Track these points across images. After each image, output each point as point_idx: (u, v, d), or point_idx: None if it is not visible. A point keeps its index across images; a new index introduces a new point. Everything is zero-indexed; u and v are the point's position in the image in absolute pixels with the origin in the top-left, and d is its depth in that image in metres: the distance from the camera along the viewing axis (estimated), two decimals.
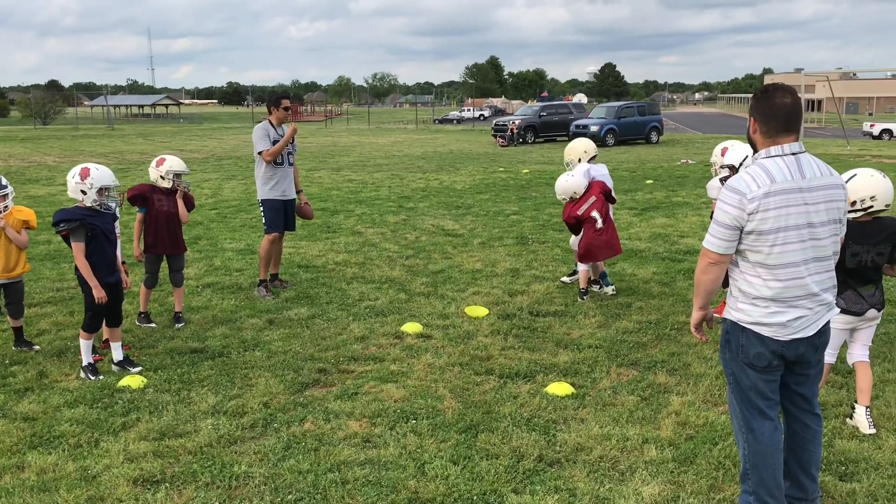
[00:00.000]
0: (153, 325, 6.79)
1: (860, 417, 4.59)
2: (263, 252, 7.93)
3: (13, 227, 6.01)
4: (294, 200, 8.08)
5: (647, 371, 5.59)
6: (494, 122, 38.86)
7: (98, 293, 5.46)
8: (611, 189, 7.59)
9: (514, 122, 35.85)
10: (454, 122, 70.79)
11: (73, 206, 5.56)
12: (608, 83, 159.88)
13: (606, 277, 7.81)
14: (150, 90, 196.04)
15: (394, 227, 11.94)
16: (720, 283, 3.41)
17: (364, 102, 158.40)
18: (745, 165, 5.11)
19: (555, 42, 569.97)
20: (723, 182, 6.02)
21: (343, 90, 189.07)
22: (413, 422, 4.74)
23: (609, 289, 7.70)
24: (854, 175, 4.46)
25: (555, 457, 4.29)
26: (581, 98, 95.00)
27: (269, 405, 5.05)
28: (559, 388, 5.21)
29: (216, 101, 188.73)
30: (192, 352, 6.10)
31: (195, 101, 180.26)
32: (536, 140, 36.08)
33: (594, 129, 32.93)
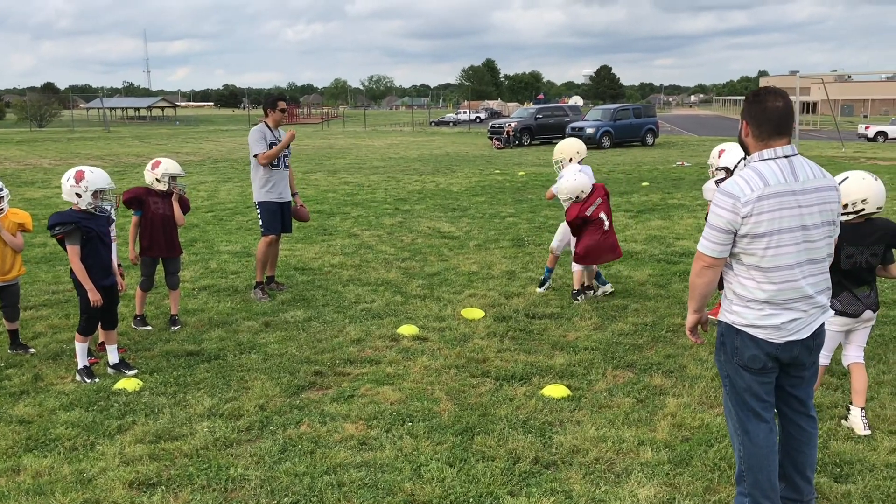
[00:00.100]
0: (149, 328, 6.78)
1: (855, 419, 4.61)
2: (260, 254, 7.92)
3: (8, 230, 6.00)
4: (290, 203, 8.09)
5: (643, 373, 5.60)
6: (490, 125, 38.88)
7: (94, 296, 5.45)
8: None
9: (511, 125, 35.86)
10: (450, 125, 70.86)
11: (68, 210, 5.55)
12: (604, 85, 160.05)
13: (601, 276, 7.83)
14: (146, 92, 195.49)
15: (390, 230, 11.94)
16: (715, 287, 3.42)
17: (360, 105, 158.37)
18: (740, 168, 5.12)
19: (551, 44, 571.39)
20: (718, 184, 6.03)
21: (339, 92, 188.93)
22: (409, 424, 4.75)
23: (607, 286, 7.71)
24: (846, 178, 4.49)
25: (551, 459, 4.30)
26: (577, 100, 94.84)
27: (266, 408, 5.04)
28: (555, 391, 5.22)
29: (212, 104, 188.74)
30: (188, 354, 6.09)
31: (191, 104, 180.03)
32: (532, 142, 36.11)
33: (590, 132, 33.00)
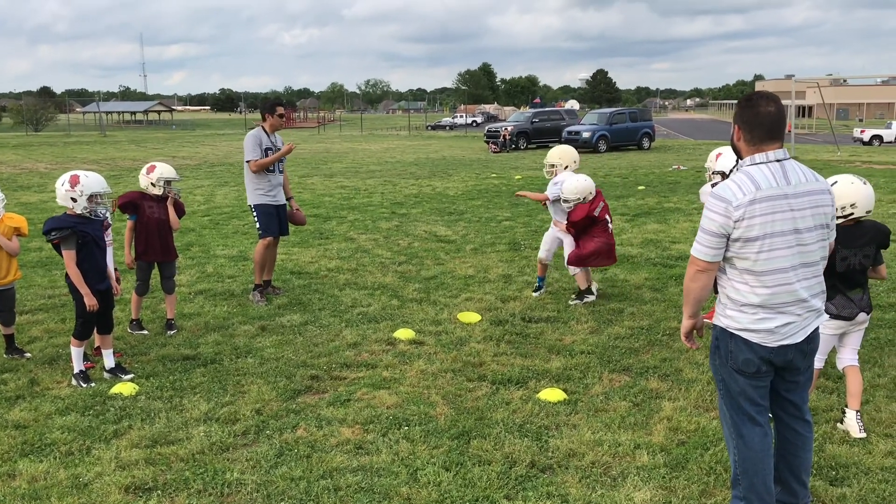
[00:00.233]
0: (145, 332, 6.78)
1: (851, 422, 4.62)
2: (258, 257, 7.92)
3: (4, 234, 5.99)
4: (284, 206, 8.09)
5: (639, 377, 5.61)
6: (487, 129, 38.93)
7: (90, 301, 5.45)
8: None
9: (507, 129, 35.88)
10: (447, 129, 70.82)
11: (63, 214, 5.54)
12: (600, 89, 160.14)
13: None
14: (143, 97, 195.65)
15: (386, 234, 11.95)
16: (709, 291, 3.43)
17: (357, 109, 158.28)
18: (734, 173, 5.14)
19: (547, 49, 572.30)
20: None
21: (336, 97, 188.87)
22: (405, 428, 4.75)
23: (593, 286, 7.75)
24: (835, 182, 4.52)
25: (547, 463, 4.30)
26: (573, 104, 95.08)
27: (262, 412, 5.04)
28: (551, 394, 5.22)
29: (209, 108, 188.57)
30: (185, 359, 6.09)
31: (188, 108, 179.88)
32: (529, 146, 36.14)
33: (586, 136, 33.04)
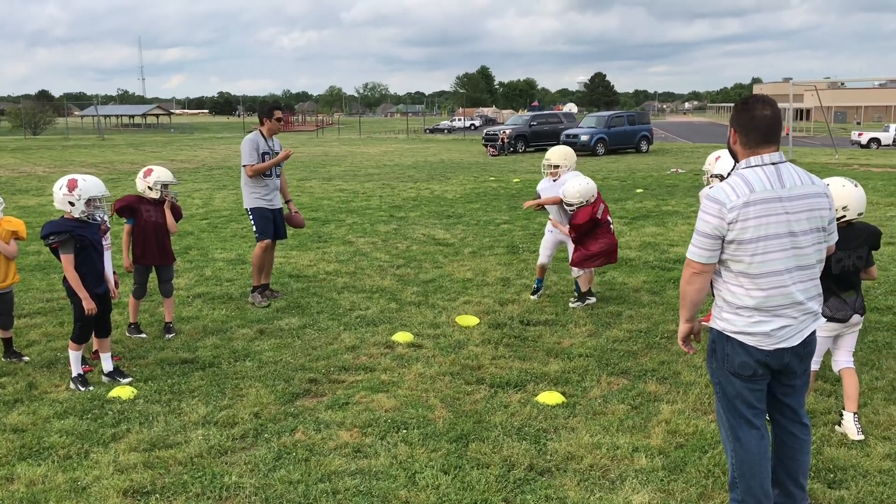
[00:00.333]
0: (143, 336, 6.77)
1: (848, 424, 4.63)
2: (256, 260, 7.93)
3: (2, 238, 5.98)
4: (281, 210, 8.10)
5: (638, 380, 5.61)
6: (485, 132, 38.95)
7: (88, 305, 5.44)
8: None
9: (505, 132, 35.93)
10: (445, 132, 70.88)
11: (61, 218, 5.53)
12: (598, 93, 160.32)
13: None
14: (141, 100, 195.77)
15: (385, 237, 11.95)
16: (705, 294, 3.44)
17: (355, 112, 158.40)
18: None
19: (545, 52, 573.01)
20: None
21: (334, 100, 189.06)
22: (404, 431, 4.75)
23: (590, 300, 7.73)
24: (826, 185, 4.53)
25: (545, 466, 4.30)
26: (571, 107, 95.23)
27: (260, 415, 5.04)
28: (550, 398, 5.23)
29: (207, 111, 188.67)
30: (183, 362, 6.08)
31: (186, 111, 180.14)
32: (527, 149, 36.17)
33: (584, 139, 33.09)
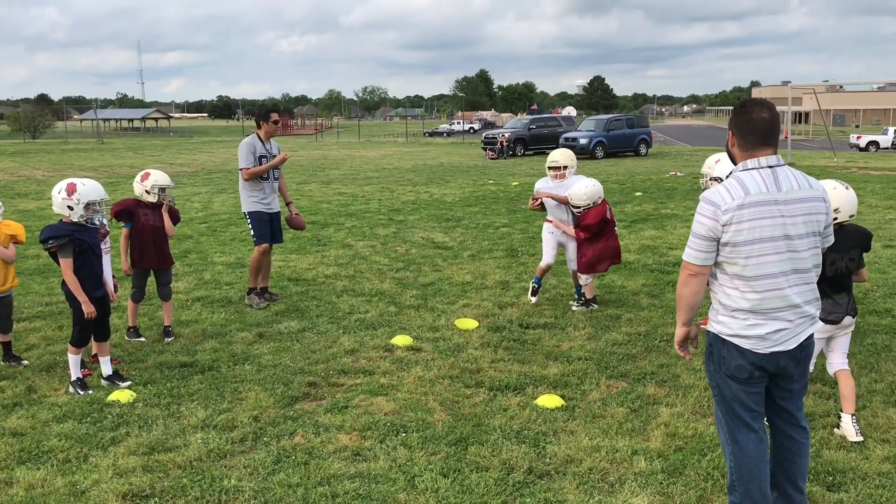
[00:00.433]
0: (142, 340, 6.77)
1: (847, 425, 4.63)
2: (253, 263, 7.95)
3: (1, 242, 5.99)
4: (279, 213, 8.10)
5: (637, 383, 5.62)
6: (484, 135, 38.96)
7: (87, 308, 5.44)
8: None
9: (504, 135, 35.95)
10: (444, 135, 70.99)
11: (59, 222, 5.53)
12: (597, 96, 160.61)
13: (580, 290, 7.84)
14: (140, 104, 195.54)
15: (384, 240, 11.96)
16: (701, 297, 3.44)
17: (354, 116, 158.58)
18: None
19: (544, 55, 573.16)
20: None
21: (333, 103, 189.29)
22: (403, 435, 4.75)
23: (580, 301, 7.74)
24: (825, 189, 4.55)
25: (545, 469, 4.31)
26: (570, 111, 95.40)
27: (259, 419, 5.04)
28: (549, 401, 5.23)
29: (206, 115, 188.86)
30: (182, 366, 6.08)
31: (185, 115, 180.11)
32: (526, 153, 36.19)
33: (583, 142, 33.09)
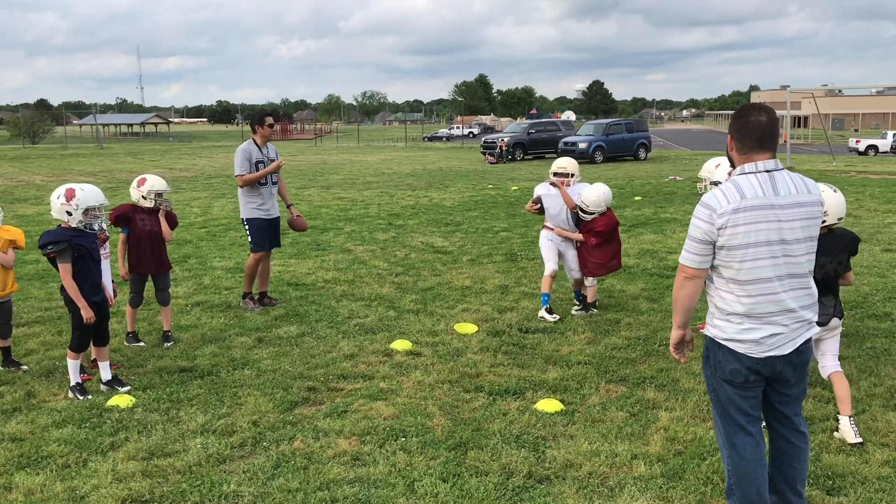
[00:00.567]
0: (142, 344, 6.77)
1: (845, 428, 4.63)
2: (249, 269, 7.97)
3: (0, 248, 6.00)
4: (278, 219, 8.10)
5: (636, 387, 5.62)
6: (483, 140, 39.05)
7: (87, 313, 5.44)
8: None
9: (503, 140, 36.01)
10: (443, 140, 71.04)
11: (58, 227, 5.54)
12: (596, 100, 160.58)
13: (579, 294, 7.84)
14: (140, 109, 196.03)
15: (383, 245, 11.96)
16: (697, 300, 3.44)
17: (354, 120, 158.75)
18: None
19: (543, 60, 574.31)
20: None
21: (333, 108, 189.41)
22: (402, 439, 4.75)
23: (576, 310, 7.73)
24: (821, 193, 4.59)
25: (544, 473, 4.30)
26: (569, 115, 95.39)
27: (259, 424, 5.04)
28: (548, 405, 5.23)
29: (206, 120, 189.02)
30: (181, 371, 6.08)
31: (184, 120, 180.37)
32: (525, 157, 36.24)
33: (582, 146, 33.12)
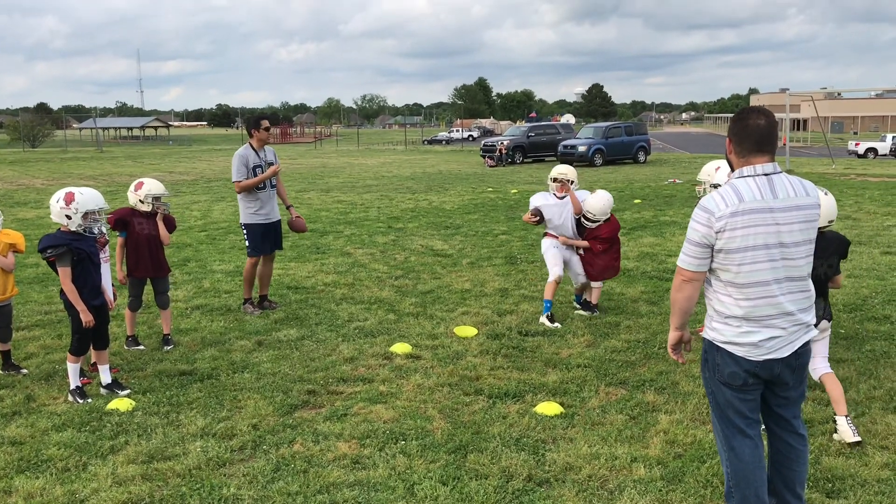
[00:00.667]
0: (141, 348, 6.77)
1: (843, 428, 4.63)
2: (247, 274, 7.96)
3: (0, 251, 6.00)
4: (278, 223, 8.09)
5: (636, 390, 5.62)
6: (483, 143, 39.03)
7: (86, 317, 5.45)
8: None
9: (503, 143, 36.01)
10: (443, 143, 71.04)
11: (57, 231, 5.54)
12: (596, 103, 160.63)
13: (580, 297, 7.84)
14: (140, 112, 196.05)
15: (383, 248, 11.96)
16: (695, 302, 3.44)
17: (353, 124, 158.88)
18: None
19: (543, 63, 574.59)
20: None
21: (332, 112, 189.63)
22: (402, 443, 4.75)
23: (578, 312, 7.73)
24: (818, 196, 4.60)
25: (544, 476, 4.30)
26: (569, 118, 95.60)
27: (259, 427, 5.04)
28: (548, 408, 5.23)
29: (205, 123, 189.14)
30: (181, 374, 6.08)
31: (184, 124, 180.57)
32: (525, 160, 36.26)
33: (582, 149, 33.16)
